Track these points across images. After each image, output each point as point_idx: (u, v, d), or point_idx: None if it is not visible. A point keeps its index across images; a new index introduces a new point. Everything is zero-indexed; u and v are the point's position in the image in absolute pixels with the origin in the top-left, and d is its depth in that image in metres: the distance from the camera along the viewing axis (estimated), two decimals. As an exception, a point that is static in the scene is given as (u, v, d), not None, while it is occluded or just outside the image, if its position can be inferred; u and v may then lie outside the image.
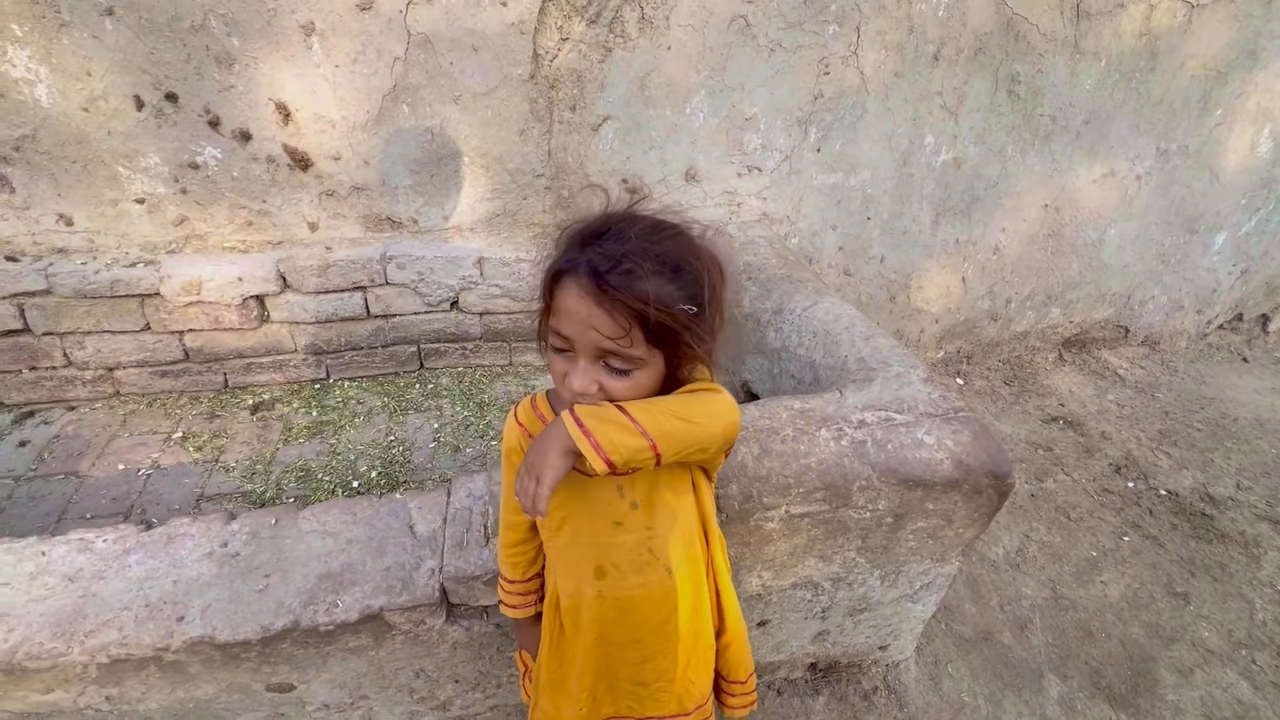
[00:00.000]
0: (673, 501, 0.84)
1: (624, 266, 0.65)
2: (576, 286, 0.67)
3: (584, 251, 0.67)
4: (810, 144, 2.31)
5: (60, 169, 1.90)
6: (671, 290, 0.66)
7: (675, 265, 0.67)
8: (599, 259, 0.66)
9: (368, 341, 2.29)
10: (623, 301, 0.65)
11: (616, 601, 0.86)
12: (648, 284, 0.64)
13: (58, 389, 2.12)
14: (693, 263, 0.68)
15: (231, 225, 2.08)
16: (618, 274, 0.65)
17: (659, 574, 0.85)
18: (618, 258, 0.65)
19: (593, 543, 0.85)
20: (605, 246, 0.67)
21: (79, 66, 1.77)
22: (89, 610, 1.03)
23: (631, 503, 0.83)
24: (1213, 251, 3.06)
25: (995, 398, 2.85)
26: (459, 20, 1.88)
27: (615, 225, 0.68)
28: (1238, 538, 2.13)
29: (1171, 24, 2.37)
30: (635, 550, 0.84)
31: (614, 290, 0.65)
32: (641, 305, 0.65)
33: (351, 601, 1.07)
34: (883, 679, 1.63)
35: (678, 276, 0.67)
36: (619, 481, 0.82)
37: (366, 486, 1.90)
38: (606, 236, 0.68)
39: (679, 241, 0.69)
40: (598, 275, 0.65)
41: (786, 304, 1.80)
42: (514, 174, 2.16)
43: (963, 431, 1.27)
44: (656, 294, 0.65)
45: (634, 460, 0.69)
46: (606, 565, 0.85)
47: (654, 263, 0.65)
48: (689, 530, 0.87)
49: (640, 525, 0.83)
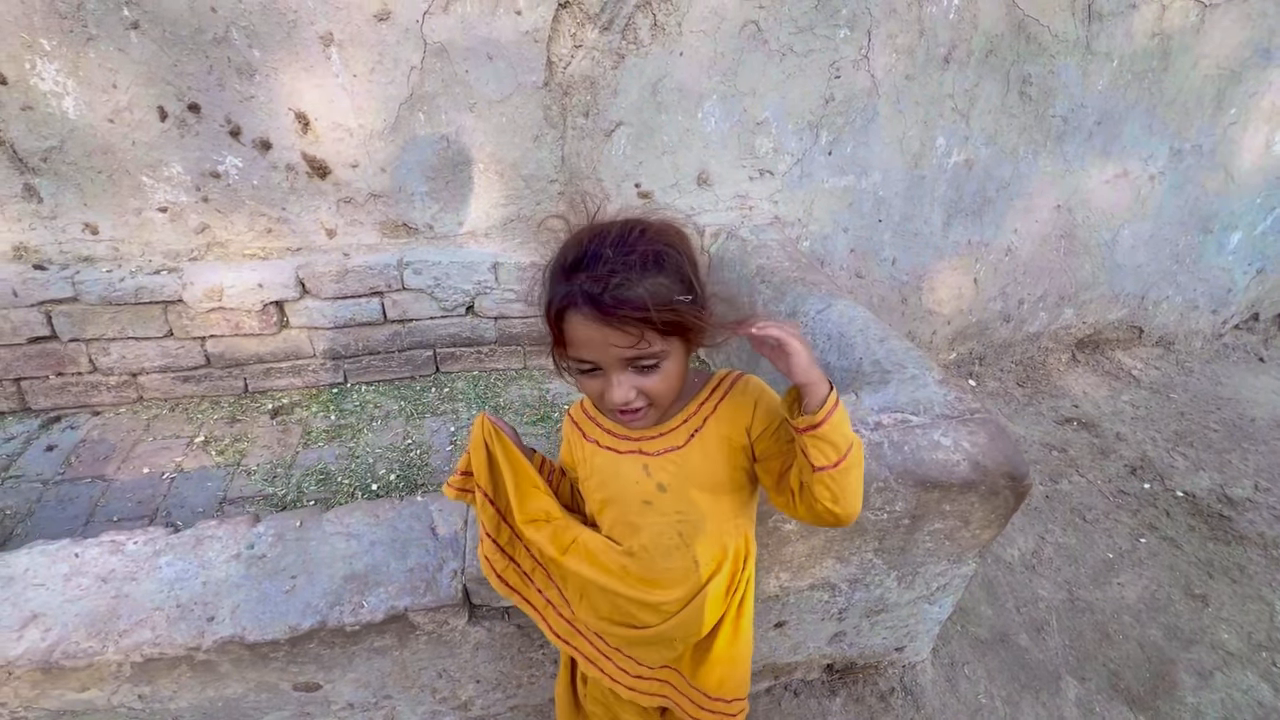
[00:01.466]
0: (703, 502, 0.85)
1: (615, 284, 0.69)
2: (581, 317, 0.71)
3: (572, 282, 0.71)
4: (822, 147, 2.32)
5: (86, 179, 1.94)
6: (663, 283, 0.71)
7: (655, 259, 0.71)
8: (590, 285, 0.69)
9: (385, 346, 2.32)
10: (627, 315, 0.69)
11: (642, 578, 0.88)
12: (641, 290, 0.69)
13: (83, 394, 2.17)
14: (667, 250, 0.72)
15: (252, 233, 2.12)
16: (612, 294, 0.69)
17: (685, 562, 0.87)
18: (605, 278, 0.69)
19: (625, 522, 0.88)
20: (590, 271, 0.70)
21: (105, 79, 1.81)
22: (122, 610, 1.05)
23: (659, 484, 0.85)
24: (1228, 251, 3.04)
25: (1008, 399, 2.85)
26: (474, 29, 1.90)
27: (588, 247, 0.71)
28: (1256, 539, 2.12)
29: (1184, 24, 2.37)
30: (664, 532, 0.86)
31: (615, 308, 0.69)
32: (644, 312, 0.69)
33: (376, 602, 1.09)
34: (899, 680, 1.63)
35: (662, 269, 0.71)
36: (644, 461, 0.85)
37: (385, 489, 1.92)
38: (585, 261, 0.71)
39: (646, 236, 0.72)
40: (596, 301, 0.69)
41: (800, 307, 1.81)
42: (528, 180, 2.19)
43: (979, 433, 1.28)
44: (653, 295, 0.69)
45: (831, 439, 0.74)
46: (637, 547, 0.87)
47: (638, 270, 0.69)
48: (721, 538, 0.88)
49: (670, 508, 0.85)
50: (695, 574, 0.87)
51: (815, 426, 0.73)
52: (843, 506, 0.76)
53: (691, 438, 0.84)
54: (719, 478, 0.86)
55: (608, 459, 0.88)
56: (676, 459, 0.84)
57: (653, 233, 0.73)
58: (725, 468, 0.85)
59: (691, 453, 0.84)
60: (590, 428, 0.91)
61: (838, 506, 0.76)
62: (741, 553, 0.92)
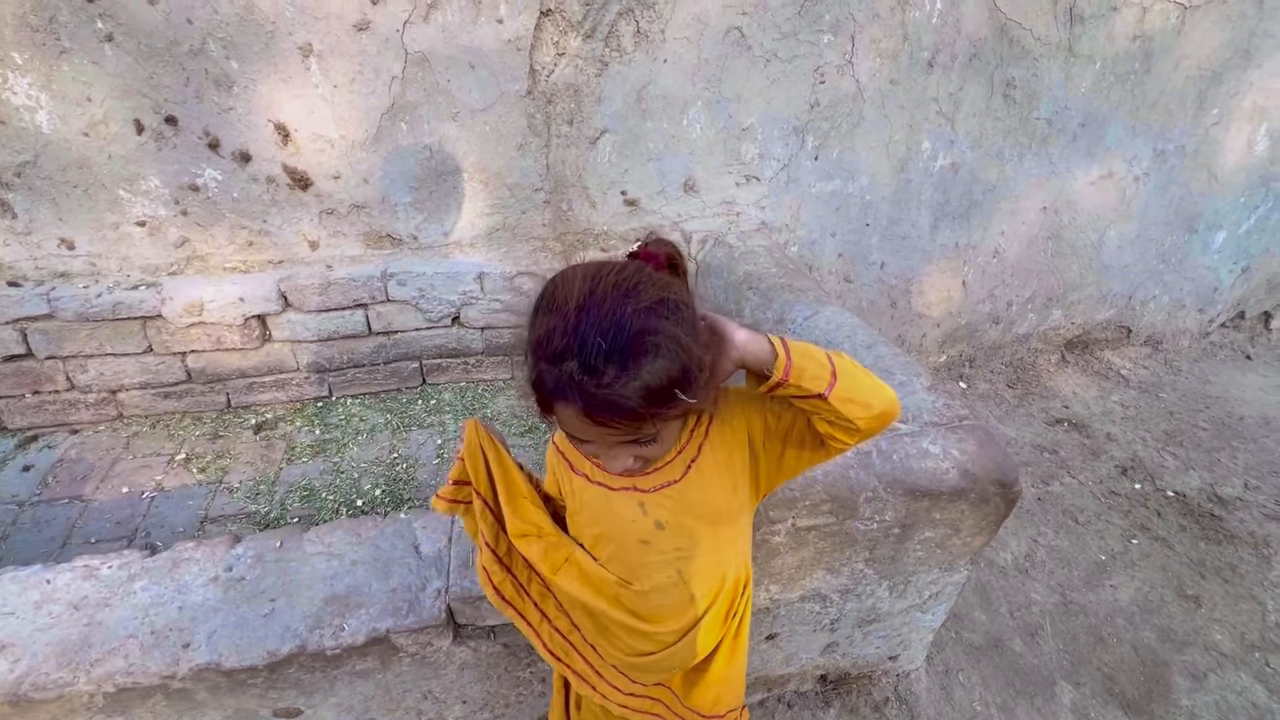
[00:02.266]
0: (702, 534, 0.83)
1: (605, 388, 0.62)
2: (572, 410, 0.65)
3: (559, 368, 0.63)
4: (808, 152, 2.32)
5: (61, 194, 1.91)
6: (660, 373, 0.63)
7: (651, 346, 0.63)
8: (581, 380, 0.63)
9: (370, 359, 2.29)
10: (620, 422, 0.65)
11: (633, 610, 0.86)
12: (635, 392, 0.63)
13: (61, 413, 2.13)
14: (663, 326, 0.63)
15: (232, 246, 2.09)
16: (604, 400, 0.63)
17: (683, 598, 0.85)
18: (596, 376, 0.62)
19: (622, 560, 0.85)
20: (579, 359, 0.62)
21: (79, 92, 1.78)
22: (95, 639, 1.02)
23: (657, 522, 0.81)
24: (1213, 250, 3.06)
25: (999, 401, 2.85)
26: (456, 38, 1.89)
27: (575, 330, 0.62)
28: (1247, 538, 2.12)
29: (1165, 26, 2.38)
30: (662, 570, 0.83)
31: (607, 416, 0.65)
32: (638, 419, 0.65)
33: (358, 624, 1.06)
34: (894, 689, 1.62)
35: (658, 354, 0.63)
36: (640, 498, 0.81)
37: (371, 504, 1.89)
38: (573, 349, 0.62)
39: (639, 313, 0.63)
40: (587, 406, 0.64)
41: (788, 314, 1.80)
42: (513, 189, 2.17)
43: (968, 440, 1.27)
44: (648, 398, 0.63)
45: (811, 373, 0.70)
46: (634, 576, 0.85)
47: (632, 364, 0.62)
48: (720, 567, 0.86)
49: (669, 546, 0.82)
50: (692, 608, 0.85)
51: (785, 378, 0.69)
52: (877, 404, 0.72)
53: (688, 470, 0.80)
54: (717, 507, 0.82)
55: (599, 494, 0.84)
56: (673, 493, 0.80)
57: (646, 304, 0.64)
58: (722, 495, 0.82)
59: (689, 486, 0.80)
60: (579, 460, 0.86)
61: (872, 409, 0.72)
62: (741, 579, 0.90)
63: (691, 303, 0.69)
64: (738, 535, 0.87)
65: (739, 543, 0.88)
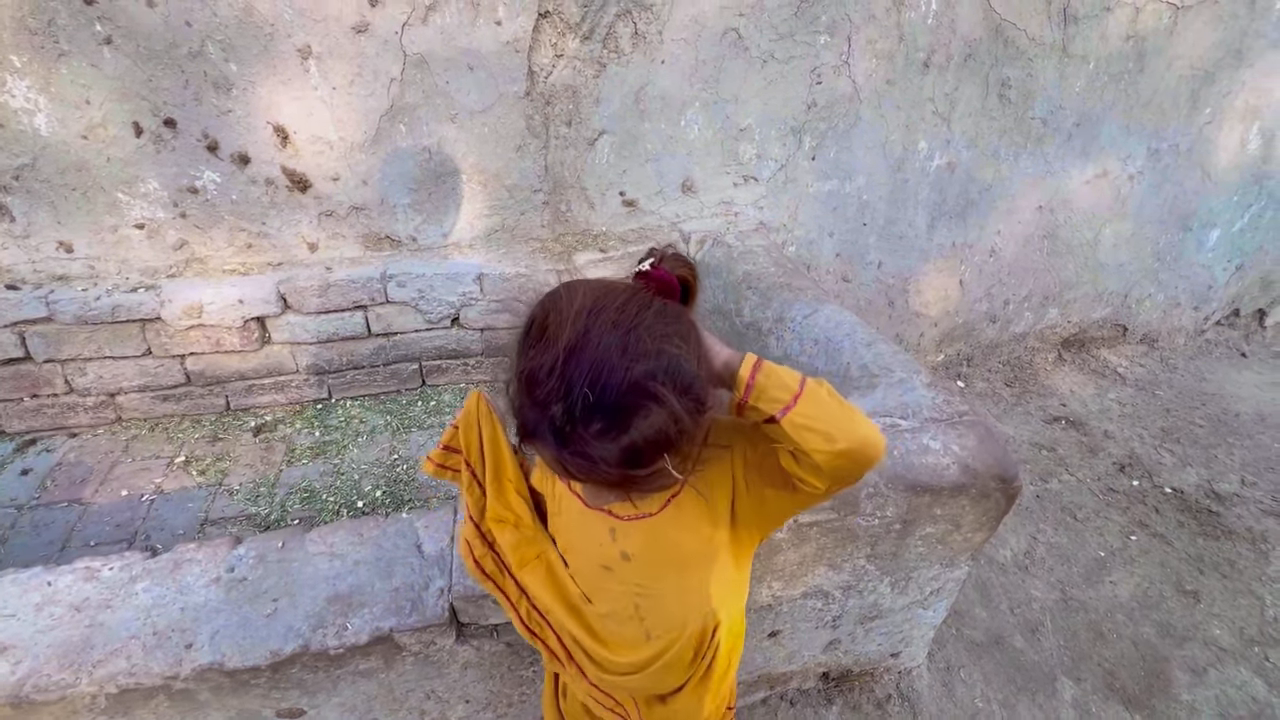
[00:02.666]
0: (668, 579, 0.77)
1: (583, 453, 0.59)
2: (550, 457, 0.62)
3: (536, 409, 0.60)
4: (805, 152, 2.33)
5: (60, 196, 1.91)
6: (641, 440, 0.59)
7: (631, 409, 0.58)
8: (559, 440, 0.59)
9: (369, 360, 2.29)
10: (594, 478, 0.63)
11: (590, 628, 0.83)
12: (611, 462, 0.59)
13: (59, 416, 2.12)
14: (646, 393, 0.58)
15: (231, 248, 2.09)
16: (580, 461, 0.60)
17: (638, 634, 0.80)
18: (572, 442, 0.59)
19: (585, 579, 0.82)
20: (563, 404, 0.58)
21: (78, 95, 1.78)
22: (96, 640, 1.02)
23: (623, 552, 0.77)
24: (1207, 248, 3.08)
25: (997, 399, 2.86)
26: (454, 40, 1.89)
27: (559, 368, 0.58)
28: (1245, 534, 2.13)
29: (1157, 26, 2.40)
30: (620, 600, 0.79)
31: (582, 475, 0.62)
32: (611, 482, 0.63)
33: (361, 624, 1.06)
34: (896, 687, 1.62)
35: (647, 413, 0.58)
36: (612, 524, 0.77)
37: (371, 506, 1.89)
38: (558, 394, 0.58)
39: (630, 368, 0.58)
40: (561, 463, 0.61)
41: (787, 312, 1.80)
42: (511, 190, 2.18)
43: (968, 435, 1.27)
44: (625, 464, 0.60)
45: (770, 395, 0.64)
46: (593, 596, 0.83)
47: (613, 434, 0.58)
48: (683, 615, 0.77)
49: (630, 579, 0.77)
50: (647, 646, 0.79)
51: (745, 398, 0.65)
52: (843, 440, 0.63)
53: (666, 505, 0.75)
54: (689, 549, 0.76)
55: (574, 506, 0.80)
56: (647, 528, 0.76)
57: (641, 355, 0.58)
58: (698, 538, 0.76)
59: (664, 522, 0.75)
60: None
61: (836, 444, 0.63)
62: (709, 627, 0.79)
63: (695, 341, 0.64)
64: (710, 582, 0.77)
65: (711, 589, 0.77)
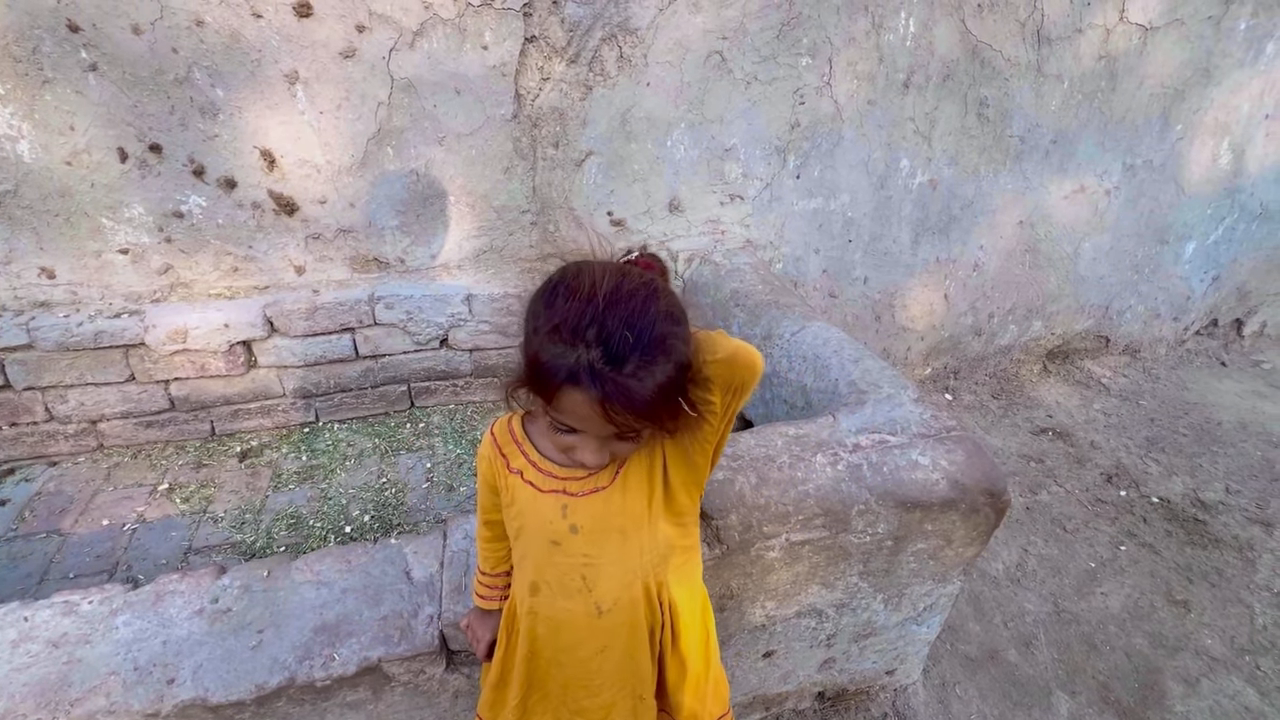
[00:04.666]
0: (612, 545, 0.83)
1: (624, 380, 0.64)
2: (582, 397, 0.66)
3: (576, 350, 0.64)
4: (790, 171, 2.36)
5: (42, 222, 1.89)
6: (668, 377, 0.66)
7: (664, 348, 0.66)
8: (599, 367, 0.64)
9: (357, 383, 2.27)
10: (630, 417, 0.67)
11: (548, 620, 0.87)
12: (648, 391, 0.65)
13: (39, 444, 2.08)
14: (673, 334, 0.67)
15: (217, 272, 2.08)
16: (622, 392, 0.64)
17: (587, 607, 0.85)
18: (617, 365, 0.64)
19: (532, 556, 0.87)
20: (601, 348, 0.64)
21: (62, 121, 1.78)
22: (74, 677, 0.99)
23: (572, 525, 0.83)
24: (1184, 260, 3.15)
25: (984, 412, 2.88)
26: (441, 65, 1.91)
27: (599, 314, 0.64)
28: (1231, 542, 2.15)
29: (1128, 46, 2.48)
30: (568, 573, 0.84)
31: (622, 409, 0.66)
32: (646, 419, 0.68)
33: (349, 654, 1.04)
34: (891, 704, 1.61)
35: (669, 358, 0.66)
36: (565, 501, 0.83)
37: (360, 531, 1.86)
38: (596, 332, 0.64)
39: (657, 314, 0.66)
40: (604, 396, 0.65)
41: (775, 329, 1.82)
42: (500, 211, 2.19)
43: (956, 450, 1.28)
44: (657, 398, 0.66)
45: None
46: (540, 582, 0.87)
47: (649, 362, 0.65)
48: (626, 577, 0.84)
49: (577, 550, 0.83)
50: (598, 621, 0.85)
51: None
52: (723, 349, 0.69)
53: (615, 477, 0.82)
54: (635, 513, 0.82)
55: (529, 494, 0.85)
56: (599, 499, 0.82)
57: (666, 309, 0.67)
58: (642, 501, 0.82)
59: (613, 493, 0.82)
60: (515, 456, 0.86)
61: (718, 354, 0.69)
62: (653, 589, 0.86)
63: (690, 332, 0.71)
64: (650, 546, 0.84)
65: (651, 552, 0.85)
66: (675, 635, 0.91)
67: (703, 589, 0.96)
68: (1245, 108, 2.78)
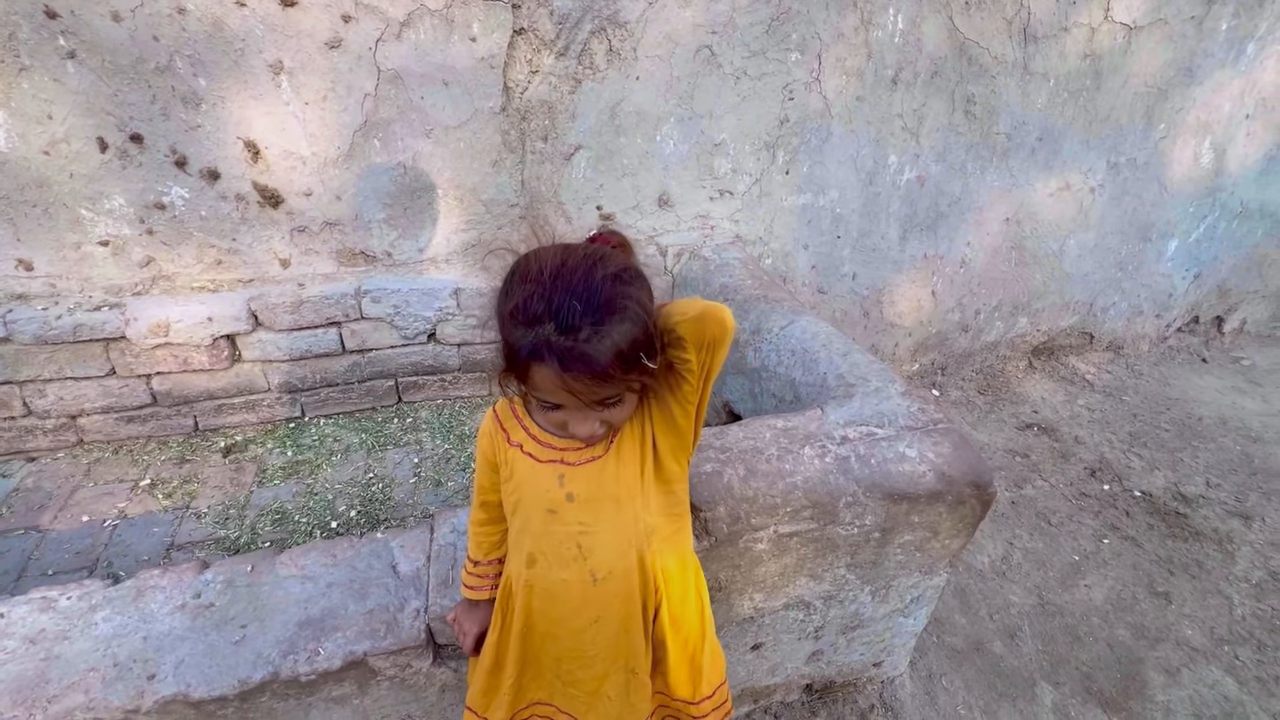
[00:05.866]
0: (607, 512, 0.85)
1: (581, 345, 0.68)
2: (549, 372, 0.69)
3: (535, 331, 0.68)
4: (779, 167, 2.36)
5: (19, 214, 1.85)
6: (627, 335, 0.69)
7: (620, 308, 0.69)
8: (556, 340, 0.68)
9: (344, 377, 2.25)
10: (594, 377, 0.69)
11: (543, 592, 0.89)
12: (608, 349, 0.68)
13: (17, 440, 2.04)
14: (629, 292, 0.71)
15: (200, 265, 2.05)
16: (580, 358, 0.68)
17: (582, 576, 0.87)
18: (572, 335, 0.67)
19: (529, 529, 0.88)
20: (554, 322, 0.67)
21: (39, 110, 1.74)
22: (52, 674, 0.97)
23: (568, 494, 0.85)
24: (1166, 258, 3.19)
25: (971, 407, 2.91)
26: (429, 56, 1.89)
27: (550, 295, 0.68)
28: (1211, 535, 2.18)
29: (1112, 45, 2.50)
30: (564, 542, 0.86)
31: (583, 375, 0.69)
32: (610, 375, 0.70)
33: (334, 648, 1.03)
34: (879, 696, 1.62)
35: (625, 316, 0.69)
36: (562, 471, 0.85)
37: (346, 526, 1.85)
38: (549, 311, 0.68)
39: (608, 281, 0.69)
40: (563, 363, 0.68)
41: (764, 324, 1.82)
42: (488, 204, 2.17)
43: (943, 443, 1.29)
44: (617, 355, 0.69)
45: None
46: (537, 553, 0.88)
47: (604, 324, 0.68)
48: (621, 546, 0.87)
49: (573, 519, 0.85)
50: (593, 589, 0.87)
51: None
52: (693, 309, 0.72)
53: (609, 446, 0.85)
54: (629, 481, 0.85)
55: (527, 465, 0.87)
56: (595, 468, 0.84)
57: (614, 270, 0.71)
58: (635, 469, 0.85)
59: (608, 462, 0.84)
60: (515, 430, 0.89)
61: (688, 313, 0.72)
62: (647, 559, 0.88)
63: (650, 293, 0.75)
64: (643, 514, 0.87)
65: (644, 520, 0.87)
66: (668, 608, 0.92)
67: (694, 558, 0.97)
68: (1226, 107, 2.82)
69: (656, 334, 0.73)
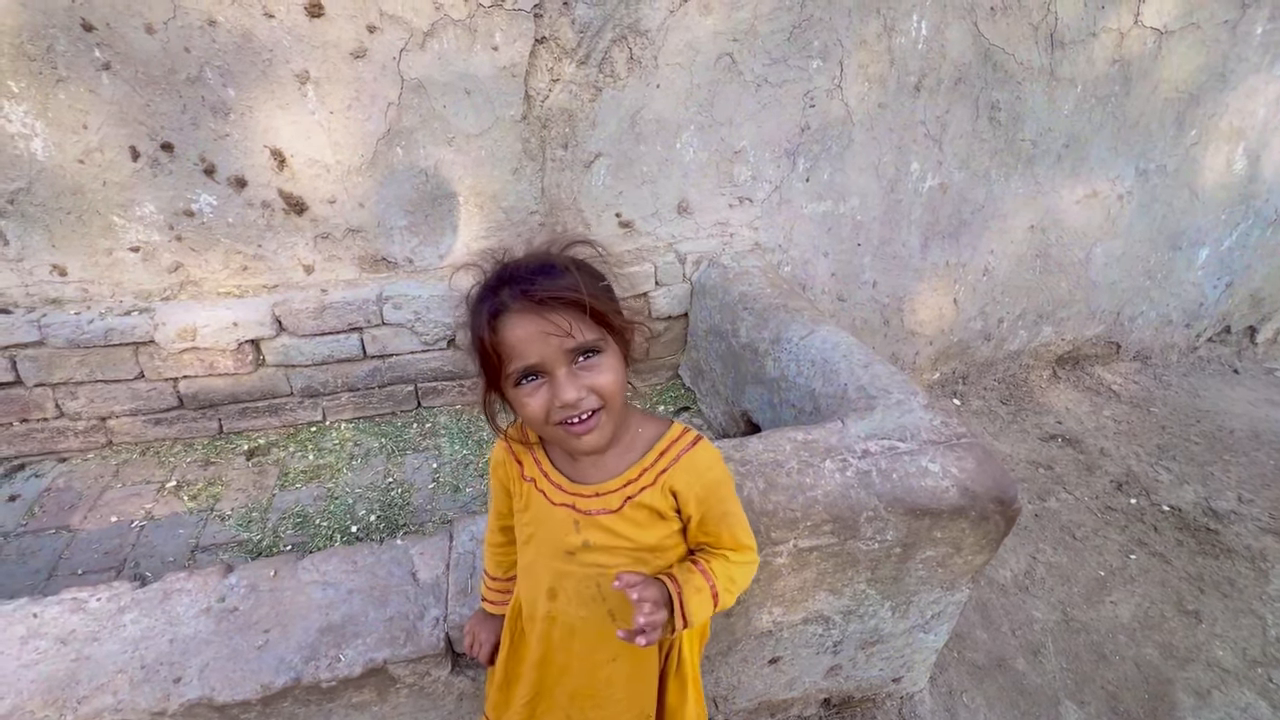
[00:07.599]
0: (626, 565, 0.84)
1: (540, 274, 0.73)
2: (513, 315, 0.72)
3: (499, 293, 0.73)
4: (799, 174, 2.35)
5: (55, 220, 1.90)
6: (583, 278, 0.74)
7: (574, 262, 0.76)
8: (519, 286, 0.72)
9: (364, 382, 2.27)
10: (558, 298, 0.71)
11: (564, 626, 0.88)
12: (567, 279, 0.73)
13: (49, 440, 2.09)
14: (575, 262, 0.77)
15: (227, 270, 2.08)
16: (541, 281, 0.72)
17: (602, 614, 0.86)
18: (531, 274, 0.73)
19: (549, 565, 0.88)
20: (513, 280, 0.73)
21: (75, 120, 1.79)
22: (82, 675, 1.00)
23: (585, 541, 0.84)
24: (1197, 266, 3.12)
25: (993, 417, 2.86)
26: (451, 65, 1.91)
27: (506, 267, 0.76)
28: (1244, 552, 2.12)
29: (1142, 50, 2.45)
30: (584, 583, 0.86)
31: (546, 293, 0.71)
32: (575, 292, 0.71)
33: (354, 655, 1.04)
34: (898, 712, 1.59)
35: (580, 269, 0.76)
36: (575, 517, 0.84)
37: (365, 531, 1.86)
38: (506, 275, 0.74)
39: (558, 253, 0.78)
40: (527, 293, 0.71)
41: (783, 333, 1.81)
42: (508, 212, 2.19)
43: (966, 458, 1.27)
44: (577, 284, 0.72)
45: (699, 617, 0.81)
46: (558, 588, 0.88)
47: (559, 270, 0.74)
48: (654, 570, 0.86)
49: (591, 561, 0.85)
50: (611, 626, 0.84)
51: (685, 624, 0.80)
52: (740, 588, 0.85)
53: (624, 504, 0.82)
54: (647, 544, 0.84)
55: (540, 502, 0.87)
56: (607, 523, 0.83)
57: (565, 249, 0.79)
58: (655, 535, 0.84)
59: (622, 521, 0.83)
60: (529, 464, 0.89)
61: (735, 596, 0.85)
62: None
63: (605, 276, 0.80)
64: (664, 560, 0.86)
65: (662, 567, 0.86)
66: (679, 655, 0.93)
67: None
68: (1261, 113, 2.75)
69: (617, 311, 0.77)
